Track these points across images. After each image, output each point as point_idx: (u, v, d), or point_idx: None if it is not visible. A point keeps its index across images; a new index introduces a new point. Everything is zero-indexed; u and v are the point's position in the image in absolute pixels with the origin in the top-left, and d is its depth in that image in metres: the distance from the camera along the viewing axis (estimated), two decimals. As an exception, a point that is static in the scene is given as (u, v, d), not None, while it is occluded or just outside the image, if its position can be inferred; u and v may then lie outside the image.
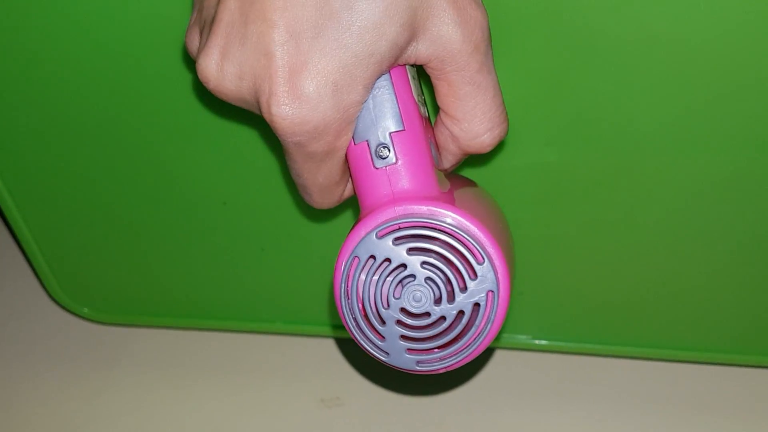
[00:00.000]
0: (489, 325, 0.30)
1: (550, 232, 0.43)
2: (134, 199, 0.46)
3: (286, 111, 0.28)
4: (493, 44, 0.31)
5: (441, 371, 0.31)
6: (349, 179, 0.33)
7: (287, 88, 0.28)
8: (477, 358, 0.53)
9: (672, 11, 0.34)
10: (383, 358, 0.31)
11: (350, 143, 0.31)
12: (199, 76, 0.30)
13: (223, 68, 0.30)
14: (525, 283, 0.46)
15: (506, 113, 0.32)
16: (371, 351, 0.31)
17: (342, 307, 0.31)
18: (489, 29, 0.30)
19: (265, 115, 0.29)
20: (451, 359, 0.31)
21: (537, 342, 0.49)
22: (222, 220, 0.46)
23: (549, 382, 0.52)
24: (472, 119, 0.31)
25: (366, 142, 0.30)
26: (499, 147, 0.40)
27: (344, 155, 0.31)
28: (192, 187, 0.44)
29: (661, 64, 0.35)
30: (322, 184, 0.32)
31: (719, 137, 0.37)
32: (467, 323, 0.30)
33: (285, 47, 0.28)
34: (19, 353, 0.56)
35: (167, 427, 0.51)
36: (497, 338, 0.50)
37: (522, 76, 0.37)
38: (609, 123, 0.38)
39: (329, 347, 0.54)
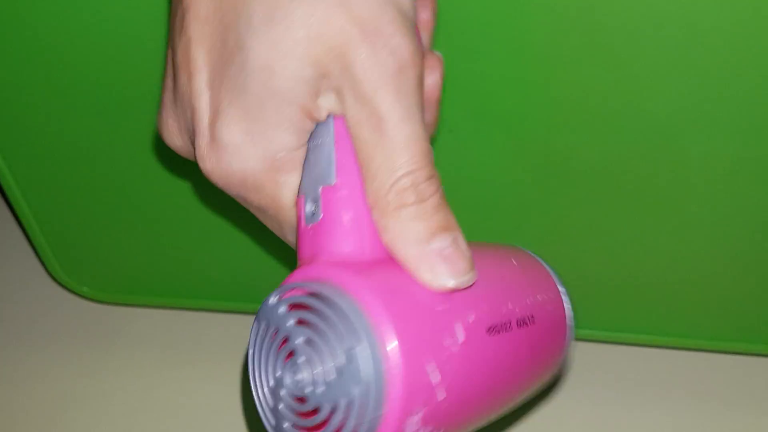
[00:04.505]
0: None
1: (551, 216, 0.43)
2: (135, 179, 0.45)
3: (210, 165, 0.27)
4: (498, 29, 0.30)
5: None
6: None
7: (208, 140, 0.26)
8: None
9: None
10: None
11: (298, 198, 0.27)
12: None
13: (167, 125, 0.29)
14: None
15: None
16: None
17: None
18: (418, 66, 0.26)
19: (203, 171, 0.28)
20: None
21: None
22: (224, 198, 0.45)
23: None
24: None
25: (302, 197, 0.27)
26: (503, 134, 0.40)
27: (295, 209, 0.28)
28: (193, 164, 0.44)
29: (666, 45, 0.35)
30: (292, 237, 0.29)
31: (726, 122, 0.37)
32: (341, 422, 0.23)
33: (203, 97, 0.26)
34: (18, 331, 0.56)
35: (165, 406, 0.51)
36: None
37: (522, 59, 0.37)
38: (614, 106, 0.38)
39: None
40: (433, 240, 0.25)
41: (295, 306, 0.25)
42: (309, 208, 0.26)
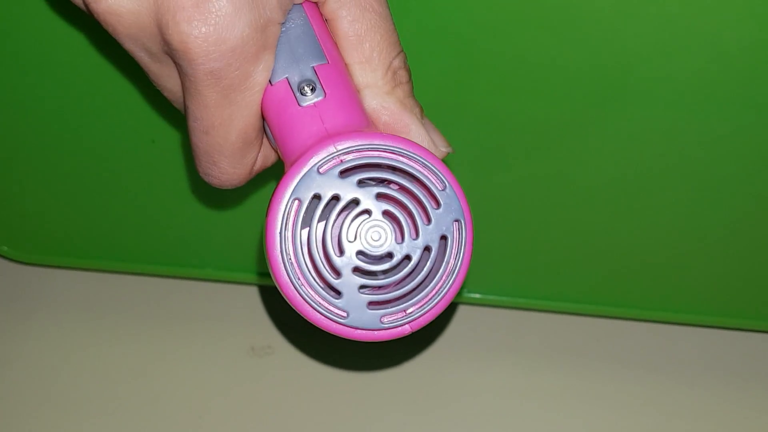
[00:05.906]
0: (459, 260, 0.27)
1: (493, 186, 0.43)
2: (59, 135, 0.44)
3: (198, 29, 0.25)
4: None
5: (407, 330, 0.27)
6: (263, 145, 0.30)
7: (197, 2, 0.25)
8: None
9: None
10: (341, 321, 0.27)
11: (267, 85, 0.28)
12: None
13: None
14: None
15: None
16: (324, 314, 0.27)
17: (282, 264, 0.26)
18: None
19: (173, 38, 0.26)
20: (420, 309, 0.27)
21: (470, 295, 0.49)
22: (150, 158, 0.44)
23: (480, 335, 0.52)
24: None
25: (286, 80, 0.28)
26: (446, 98, 0.39)
27: (261, 98, 0.28)
28: (120, 122, 0.43)
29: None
30: (236, 140, 0.28)
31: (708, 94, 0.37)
32: (435, 261, 0.27)
33: None
34: (-68, 292, 0.55)
35: (88, 372, 0.51)
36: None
37: (443, 42, 0.36)
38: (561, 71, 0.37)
39: (260, 295, 0.53)
40: (423, 115, 0.29)
41: (348, 170, 0.26)
42: (304, 89, 0.28)
